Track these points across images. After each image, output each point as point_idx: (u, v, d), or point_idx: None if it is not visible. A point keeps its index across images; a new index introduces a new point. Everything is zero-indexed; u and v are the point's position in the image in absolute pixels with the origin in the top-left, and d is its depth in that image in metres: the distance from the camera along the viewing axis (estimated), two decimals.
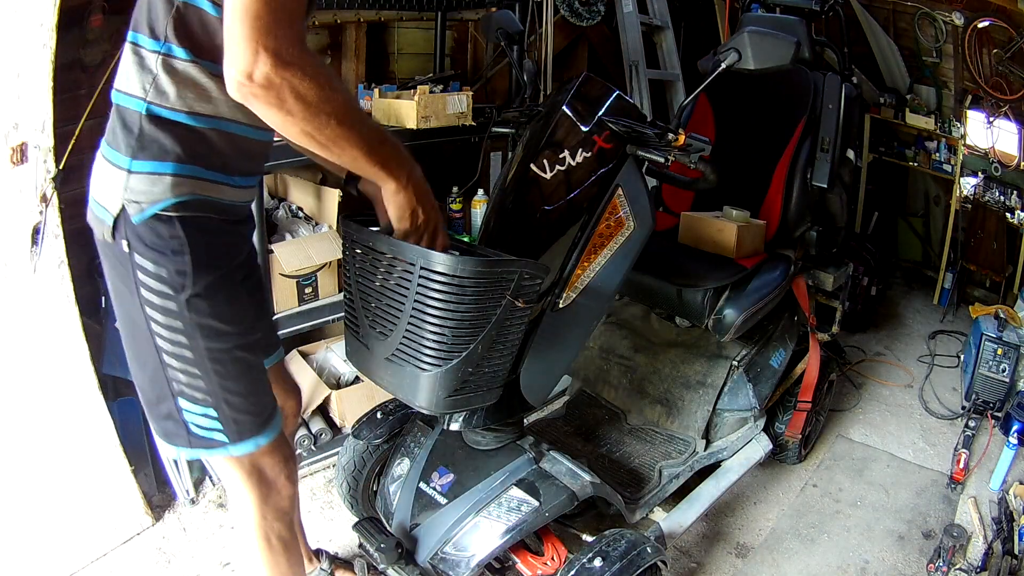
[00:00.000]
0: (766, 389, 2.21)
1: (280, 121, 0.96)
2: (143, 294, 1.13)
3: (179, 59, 1.08)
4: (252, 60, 0.89)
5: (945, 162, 3.77)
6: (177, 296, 1.12)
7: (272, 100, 0.92)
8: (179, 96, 1.09)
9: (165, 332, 1.15)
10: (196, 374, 1.18)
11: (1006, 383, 2.73)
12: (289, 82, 0.91)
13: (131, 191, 1.10)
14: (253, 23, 0.89)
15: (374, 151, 1.07)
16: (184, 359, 1.17)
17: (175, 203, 1.10)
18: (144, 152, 1.09)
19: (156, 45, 1.08)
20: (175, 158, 1.10)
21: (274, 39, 0.90)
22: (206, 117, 1.12)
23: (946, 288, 3.86)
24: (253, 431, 1.25)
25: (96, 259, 2.24)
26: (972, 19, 3.24)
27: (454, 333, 1.23)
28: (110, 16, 2.12)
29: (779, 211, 2.28)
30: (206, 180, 1.15)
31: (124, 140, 1.10)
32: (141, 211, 1.10)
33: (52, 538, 1.89)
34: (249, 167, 1.25)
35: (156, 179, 1.09)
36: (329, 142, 1.00)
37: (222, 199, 1.18)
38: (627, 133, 1.53)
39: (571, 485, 1.60)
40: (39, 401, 1.82)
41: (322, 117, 0.96)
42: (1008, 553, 1.96)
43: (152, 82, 1.08)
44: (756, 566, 2.09)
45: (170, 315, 1.14)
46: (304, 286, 2.30)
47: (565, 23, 3.41)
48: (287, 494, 1.36)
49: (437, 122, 2.58)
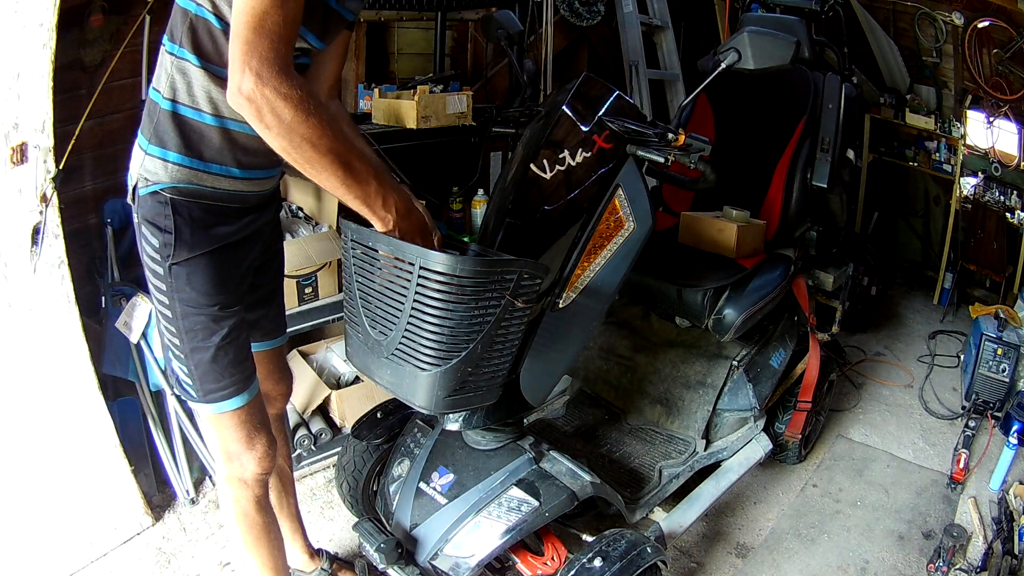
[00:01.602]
0: (766, 389, 2.20)
1: (262, 132, 1.08)
2: (144, 259, 1.33)
3: (190, 63, 1.22)
4: (240, 75, 1.03)
5: (945, 162, 3.76)
6: (163, 263, 1.29)
7: (253, 112, 1.05)
8: (188, 95, 1.24)
9: (156, 293, 1.34)
10: (174, 332, 1.34)
11: (1006, 383, 2.73)
12: (268, 99, 1.04)
13: (144, 169, 1.27)
14: (243, 45, 1.03)
15: (353, 184, 1.16)
16: (167, 319, 1.34)
17: (171, 186, 1.26)
18: (157, 139, 1.26)
19: (173, 48, 1.23)
20: (177, 148, 1.26)
21: (257, 60, 1.03)
22: (210, 115, 1.25)
23: (946, 288, 3.85)
24: (218, 397, 1.39)
25: (96, 259, 2.27)
26: (972, 19, 3.24)
27: (454, 333, 1.23)
28: (110, 16, 2.12)
29: (779, 211, 2.28)
30: (202, 171, 1.28)
31: (148, 126, 1.28)
32: (146, 185, 1.28)
33: (52, 538, 1.89)
34: (248, 161, 1.33)
35: (161, 163, 1.26)
36: (305, 163, 1.11)
37: (218, 188, 1.31)
38: (627, 133, 1.53)
39: (571, 485, 1.60)
40: (39, 401, 1.82)
41: (295, 138, 1.07)
42: (1008, 553, 1.96)
43: (169, 80, 1.24)
44: (756, 566, 2.09)
45: (158, 278, 1.31)
46: (304, 286, 2.30)
47: (565, 23, 3.41)
48: (250, 469, 1.46)
49: (437, 122, 2.58)
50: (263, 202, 1.45)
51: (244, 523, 1.54)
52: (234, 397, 1.40)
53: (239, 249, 1.39)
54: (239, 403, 1.41)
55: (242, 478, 1.48)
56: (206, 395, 1.38)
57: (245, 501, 1.52)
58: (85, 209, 2.28)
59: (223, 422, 1.42)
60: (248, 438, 1.44)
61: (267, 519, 1.58)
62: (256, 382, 1.45)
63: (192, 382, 1.38)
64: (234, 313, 1.38)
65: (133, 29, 2.18)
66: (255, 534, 1.56)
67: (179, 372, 1.39)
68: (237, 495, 1.51)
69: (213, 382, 1.37)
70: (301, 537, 1.86)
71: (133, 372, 2.15)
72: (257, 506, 1.54)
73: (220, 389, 1.38)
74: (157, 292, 1.34)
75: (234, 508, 1.53)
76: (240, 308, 1.40)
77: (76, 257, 1.87)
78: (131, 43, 2.18)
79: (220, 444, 1.46)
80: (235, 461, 1.46)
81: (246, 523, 1.54)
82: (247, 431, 1.44)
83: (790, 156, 2.26)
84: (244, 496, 1.51)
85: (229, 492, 1.52)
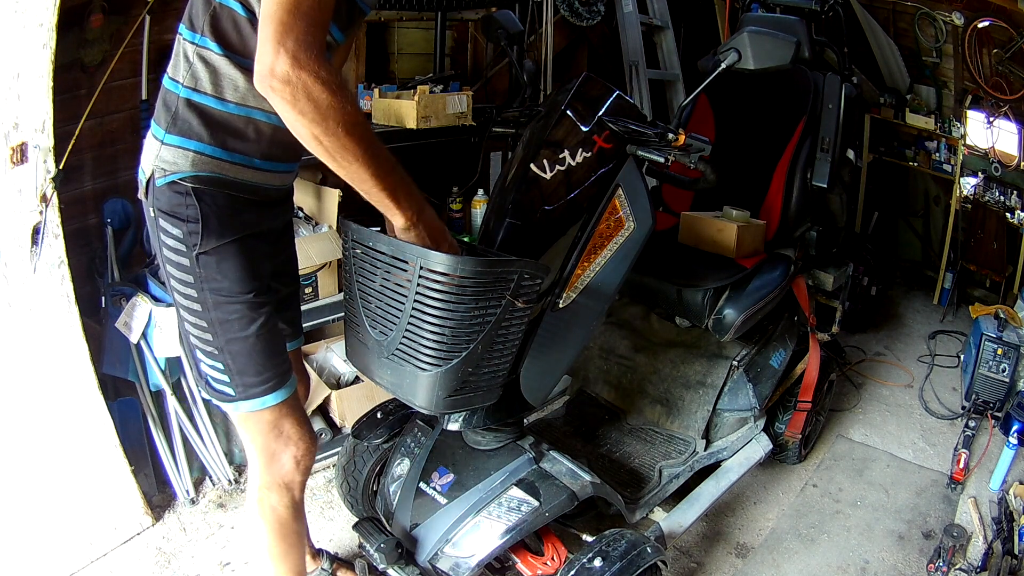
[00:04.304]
0: (766, 389, 2.20)
1: (292, 118, 1.04)
2: (165, 253, 1.27)
3: (212, 52, 1.19)
4: (274, 57, 0.99)
5: (945, 162, 3.76)
6: (189, 253, 1.24)
7: (287, 96, 1.01)
8: (211, 84, 1.21)
9: (181, 287, 1.27)
10: (205, 327, 1.28)
11: (1006, 383, 2.72)
12: (304, 83, 1.00)
13: (161, 159, 1.23)
14: (278, 26, 1.00)
15: (382, 176, 1.12)
16: (196, 313, 1.28)
17: (192, 175, 1.22)
18: (176, 128, 1.23)
19: (193, 37, 1.20)
20: (199, 138, 1.23)
21: (293, 42, 1.00)
22: (234, 104, 1.23)
23: (946, 288, 3.85)
24: (258, 392, 1.32)
25: (96, 259, 2.27)
26: (972, 19, 3.24)
27: (454, 333, 1.23)
28: (110, 16, 2.12)
29: (779, 211, 2.28)
30: (225, 161, 1.25)
31: (164, 116, 1.24)
32: (164, 176, 1.23)
33: (52, 538, 1.89)
34: (272, 152, 1.31)
35: (181, 153, 1.22)
36: (336, 151, 1.07)
37: (240, 179, 1.28)
38: (627, 133, 1.53)
39: (571, 485, 1.60)
40: (39, 401, 1.82)
41: (330, 123, 1.03)
42: (1008, 553, 1.96)
43: (189, 70, 1.21)
44: (756, 566, 2.09)
45: (184, 270, 1.26)
46: (304, 286, 2.30)
47: (565, 23, 3.41)
48: (290, 469, 1.41)
49: (437, 122, 2.58)
50: (280, 198, 1.42)
51: (279, 533, 1.48)
52: (275, 391, 1.34)
53: (262, 241, 1.35)
54: (281, 396, 1.35)
55: (283, 481, 1.42)
56: (246, 391, 1.31)
57: (283, 508, 1.46)
58: (85, 209, 2.27)
59: (264, 420, 1.36)
60: (290, 435, 1.39)
61: (302, 526, 1.53)
62: (293, 375, 1.40)
63: (229, 378, 1.31)
64: (268, 301, 1.33)
65: (133, 29, 2.17)
66: (290, 542, 1.51)
67: (211, 372, 1.32)
68: (276, 503, 1.45)
69: (254, 375, 1.31)
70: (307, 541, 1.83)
71: (133, 372, 2.15)
72: (296, 512, 1.48)
73: (261, 383, 1.32)
74: (182, 286, 1.27)
75: (271, 517, 1.46)
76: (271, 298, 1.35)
77: (76, 257, 1.87)
78: (131, 43, 2.18)
79: (261, 445, 1.39)
80: (277, 462, 1.40)
81: (282, 532, 1.48)
82: (289, 426, 1.38)
83: (790, 156, 2.26)
84: (283, 503, 1.45)
85: (268, 501, 1.45)
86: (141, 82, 2.28)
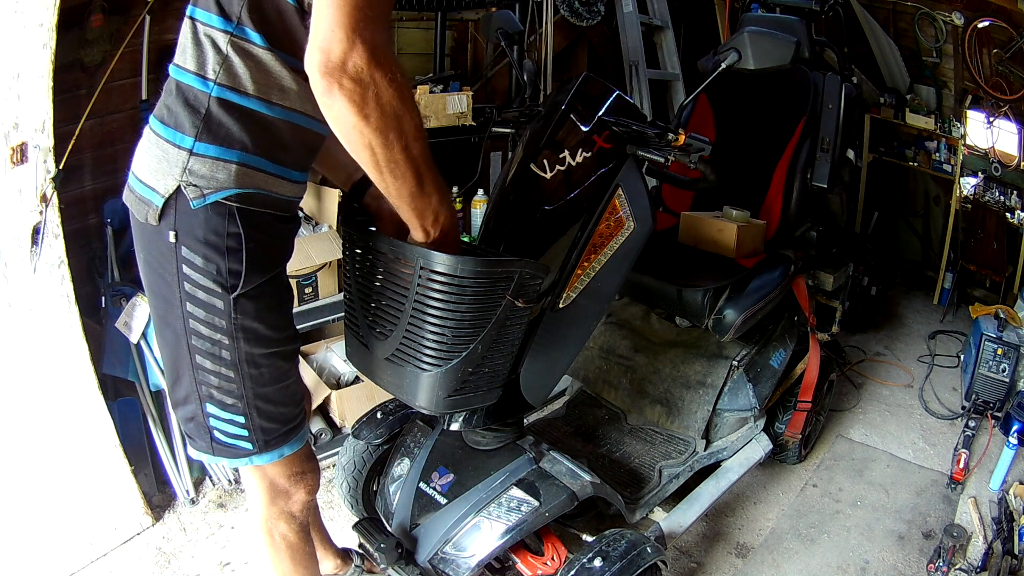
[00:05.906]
0: (766, 389, 2.20)
1: (351, 123, 0.88)
2: (186, 288, 1.06)
3: (254, 44, 1.01)
4: (348, 48, 0.83)
5: (945, 162, 3.76)
6: (225, 295, 1.05)
7: (356, 97, 0.85)
8: (254, 82, 1.02)
9: (204, 330, 1.08)
10: (230, 377, 1.11)
11: (1006, 383, 2.73)
12: (377, 84, 0.85)
13: (192, 174, 1.02)
14: (351, 11, 0.82)
15: (418, 197, 1.02)
16: (220, 360, 1.10)
17: (238, 194, 1.03)
18: (210, 135, 1.02)
19: (227, 26, 1.00)
20: (242, 147, 1.03)
21: (372, 33, 0.83)
22: (280, 107, 1.05)
23: (946, 288, 3.85)
24: (280, 441, 1.22)
25: (96, 259, 2.27)
26: (972, 19, 3.24)
27: (454, 333, 1.23)
28: (110, 16, 2.12)
29: (779, 211, 2.28)
30: (269, 173, 1.07)
31: (188, 119, 1.03)
32: (202, 197, 1.02)
33: (52, 538, 1.89)
34: (306, 162, 1.18)
35: (220, 165, 1.02)
36: (386, 164, 0.94)
37: (279, 194, 1.11)
38: (627, 133, 1.53)
39: (571, 485, 1.60)
40: (39, 401, 1.82)
41: (391, 135, 0.90)
42: (1008, 553, 1.96)
43: (222, 63, 1.01)
44: (756, 566, 2.09)
45: (213, 313, 1.07)
46: (304, 286, 2.30)
47: (565, 23, 3.41)
48: (298, 500, 1.35)
49: (437, 122, 2.58)
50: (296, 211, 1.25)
51: (289, 556, 1.41)
52: (298, 433, 1.23)
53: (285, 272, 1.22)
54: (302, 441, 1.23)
55: (289, 512, 1.35)
56: (266, 445, 1.18)
57: (292, 534, 1.39)
58: (85, 209, 2.28)
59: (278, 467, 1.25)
60: (303, 471, 1.30)
61: (310, 546, 1.47)
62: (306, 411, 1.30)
63: (249, 432, 1.15)
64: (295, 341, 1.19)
65: (133, 29, 2.18)
66: (303, 563, 1.45)
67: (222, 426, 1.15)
68: (286, 531, 1.37)
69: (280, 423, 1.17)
70: (331, 546, 1.78)
71: (133, 372, 2.15)
72: (303, 534, 1.42)
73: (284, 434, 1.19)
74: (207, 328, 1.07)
75: (283, 545, 1.39)
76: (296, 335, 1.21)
77: (76, 257, 1.87)
78: (131, 43, 2.18)
79: (266, 486, 1.29)
80: (281, 498, 1.31)
81: (292, 556, 1.42)
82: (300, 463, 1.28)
83: (790, 156, 2.26)
84: (291, 529, 1.38)
85: (276, 530, 1.37)
86: (141, 82, 2.28)
